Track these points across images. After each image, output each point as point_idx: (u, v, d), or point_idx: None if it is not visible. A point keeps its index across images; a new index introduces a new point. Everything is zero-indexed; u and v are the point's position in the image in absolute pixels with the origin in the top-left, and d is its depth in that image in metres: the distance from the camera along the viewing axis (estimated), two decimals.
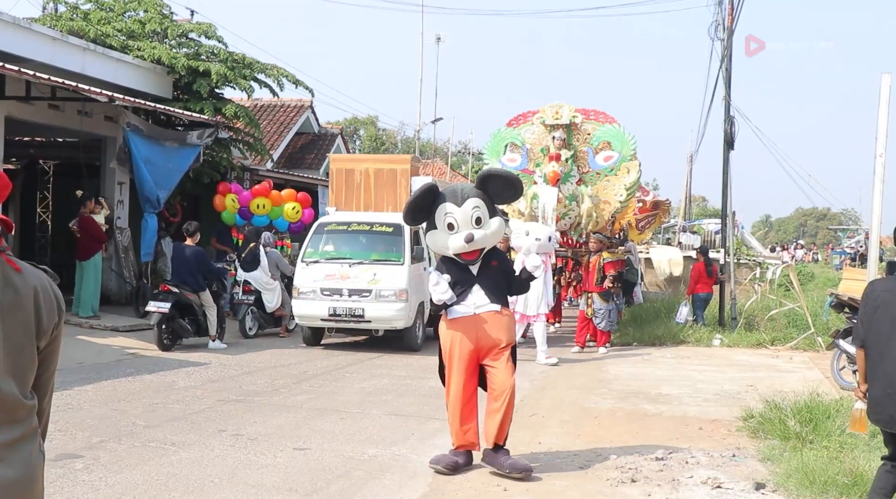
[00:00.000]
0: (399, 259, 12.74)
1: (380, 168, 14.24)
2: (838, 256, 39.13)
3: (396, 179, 14.04)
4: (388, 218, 13.32)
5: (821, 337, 14.12)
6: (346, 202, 14.23)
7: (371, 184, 14.14)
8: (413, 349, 12.84)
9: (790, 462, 6.37)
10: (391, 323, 12.56)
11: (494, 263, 6.50)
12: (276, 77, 18.38)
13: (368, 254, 13.03)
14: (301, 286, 12.81)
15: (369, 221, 13.44)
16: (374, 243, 13.19)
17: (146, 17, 17.74)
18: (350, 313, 12.47)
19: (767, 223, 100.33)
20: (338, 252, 13.19)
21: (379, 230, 13.20)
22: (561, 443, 7.38)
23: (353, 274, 12.63)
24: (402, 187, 14.00)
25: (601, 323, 13.57)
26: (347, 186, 14.24)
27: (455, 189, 6.49)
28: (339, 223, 13.54)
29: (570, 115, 13.66)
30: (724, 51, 16.94)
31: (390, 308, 12.45)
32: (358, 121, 53.76)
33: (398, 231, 12.96)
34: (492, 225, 6.38)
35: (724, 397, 9.87)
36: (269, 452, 6.74)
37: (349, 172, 14.28)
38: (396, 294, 12.41)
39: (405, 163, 14.31)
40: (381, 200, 14.08)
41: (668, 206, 27.41)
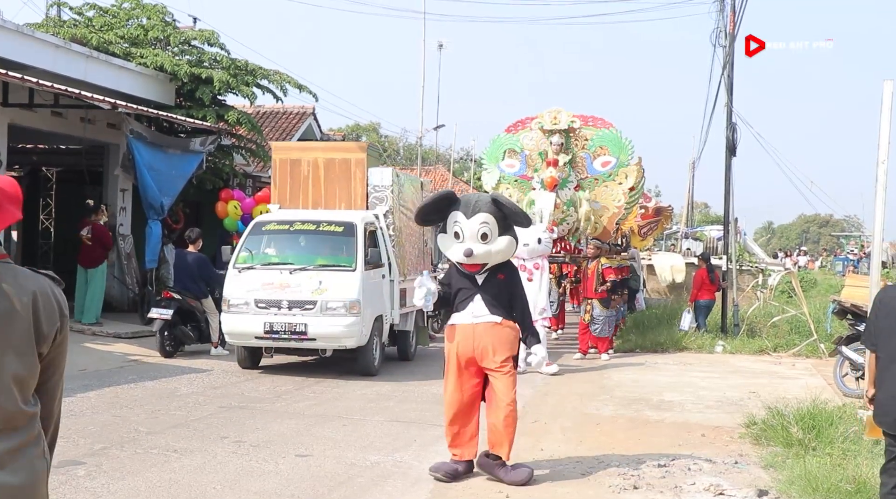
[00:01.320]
0: (350, 264, 10.81)
1: (330, 158, 12.18)
2: (841, 263, 39.08)
3: (350, 171, 12.04)
4: (337, 216, 11.48)
5: (823, 344, 14.09)
6: (291, 198, 12.21)
7: (320, 176, 12.11)
8: (368, 373, 10.89)
9: (793, 469, 6.36)
10: (340, 341, 10.57)
11: (501, 276, 6.46)
12: (279, 83, 18.41)
13: (313, 258, 11.11)
14: (232, 297, 10.79)
15: (315, 219, 11.46)
16: (321, 246, 11.33)
17: (149, 24, 17.78)
18: (290, 330, 10.44)
19: (770, 230, 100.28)
20: (277, 256, 11.29)
21: (326, 230, 11.25)
22: (563, 449, 7.37)
23: (295, 282, 10.64)
24: (356, 180, 12.04)
25: (598, 329, 13.53)
26: (292, 178, 12.21)
27: (470, 200, 6.49)
28: (279, 222, 11.51)
29: (569, 121, 13.67)
30: (727, 57, 16.97)
31: (339, 323, 10.43)
32: (360, 128, 53.77)
33: (350, 231, 11.08)
34: (499, 243, 6.34)
35: (727, 403, 9.85)
36: (272, 458, 6.74)
37: (294, 162, 12.24)
38: (346, 306, 10.44)
39: (360, 152, 12.34)
40: (331, 196, 12.08)
41: (671, 212, 27.41)
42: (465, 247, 6.27)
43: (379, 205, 11.91)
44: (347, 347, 10.67)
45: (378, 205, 11.92)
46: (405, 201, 12.56)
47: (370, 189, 11.98)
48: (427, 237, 13.70)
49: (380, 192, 11.96)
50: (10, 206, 2.36)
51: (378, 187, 11.96)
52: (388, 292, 11.62)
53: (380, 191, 11.96)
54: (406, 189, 12.78)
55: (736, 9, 16.72)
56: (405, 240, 12.51)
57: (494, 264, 6.43)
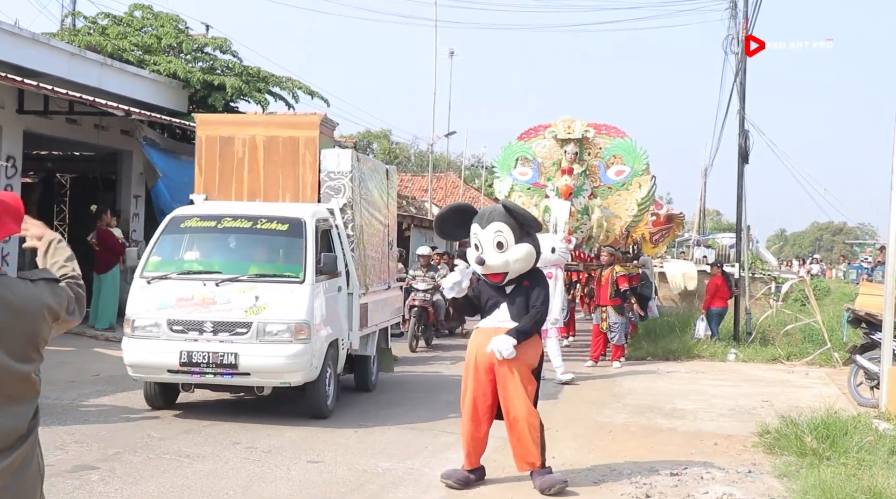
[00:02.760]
0: (297, 273, 8.30)
1: (272, 136, 9.63)
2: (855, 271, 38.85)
3: (298, 153, 9.54)
4: (281, 210, 9.00)
5: (837, 352, 14.01)
6: (221, 187, 9.64)
7: (259, 159, 9.58)
8: (319, 415, 8.46)
9: (807, 479, 6.31)
10: (282, 377, 8.06)
11: (526, 283, 6.45)
12: (291, 89, 18.49)
13: (247, 266, 8.63)
14: (137, 317, 8.20)
15: (251, 214, 8.88)
16: (259, 249, 8.93)
17: (162, 31, 17.90)
18: (214, 362, 7.89)
19: (783, 237, 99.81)
20: (199, 263, 8.77)
21: (266, 229, 8.71)
22: (575, 457, 7.34)
23: (223, 298, 8.08)
24: (307, 165, 9.54)
25: (615, 337, 13.54)
26: (223, 162, 9.64)
27: (485, 211, 6.58)
28: (202, 218, 8.98)
29: (583, 130, 13.66)
30: (739, 64, 16.94)
31: (281, 353, 7.93)
32: (371, 134, 53.92)
33: (297, 230, 8.57)
34: (516, 251, 6.32)
35: (740, 412, 9.81)
36: (283, 464, 6.74)
37: (225, 141, 9.66)
38: (291, 330, 7.94)
39: (310, 128, 9.69)
40: (273, 184, 9.61)
41: (682, 219, 27.33)
42: (478, 256, 6.30)
43: (335, 197, 9.35)
44: (292, 384, 8.14)
45: (333, 197, 9.35)
46: (368, 193, 10.11)
47: (324, 176, 9.43)
48: (393, 238, 11.39)
49: (336, 180, 9.39)
50: (8, 218, 2.37)
51: (334, 174, 9.40)
52: (346, 309, 9.11)
53: (336, 179, 9.40)
54: (369, 178, 10.22)
55: (748, 15, 16.70)
56: (367, 242, 9.95)
57: (519, 274, 6.40)
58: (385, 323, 10.85)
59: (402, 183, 40.20)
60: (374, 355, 10.42)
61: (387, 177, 11.13)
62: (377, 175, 10.69)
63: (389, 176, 11.29)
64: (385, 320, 10.81)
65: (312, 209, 8.97)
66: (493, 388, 6.33)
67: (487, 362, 6.31)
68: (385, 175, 11.08)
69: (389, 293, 11.05)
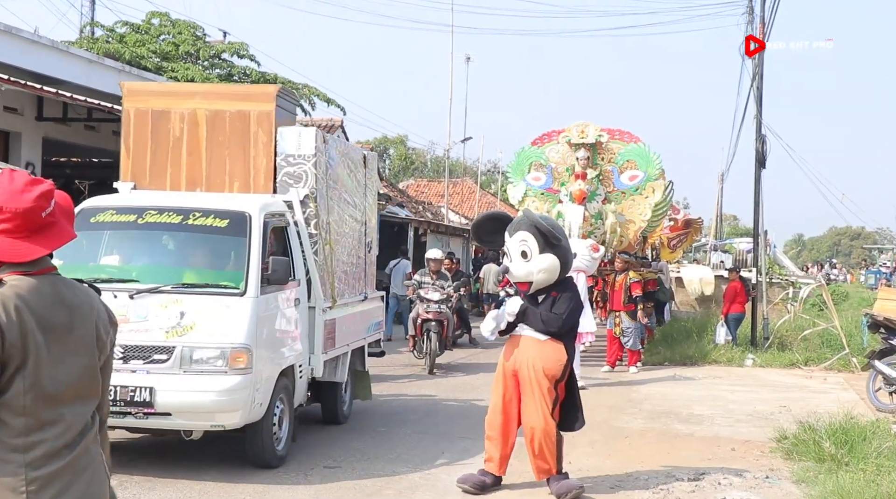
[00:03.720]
0: (236, 283, 6.64)
1: (218, 110, 7.81)
2: (873, 276, 38.58)
3: (249, 131, 7.74)
4: (220, 202, 7.26)
5: (856, 358, 13.92)
6: (153, 173, 7.80)
7: (201, 139, 7.80)
8: (265, 463, 6.74)
9: (825, 485, 6.28)
10: (212, 418, 6.32)
11: (554, 293, 6.40)
12: (308, 96, 18.59)
13: (173, 272, 6.94)
14: None
15: (181, 206, 7.15)
16: (188, 251, 7.27)
17: (179, 39, 18.06)
18: (123, 398, 6.11)
19: (800, 242, 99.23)
20: (113, 269, 7.10)
21: (200, 225, 7.00)
22: (591, 463, 7.33)
23: (138, 314, 6.39)
24: (260, 146, 7.72)
25: (629, 342, 13.54)
26: (156, 141, 7.82)
27: (515, 220, 6.60)
28: (119, 210, 7.25)
29: (596, 134, 13.67)
30: (756, 69, 16.88)
31: (211, 387, 6.18)
32: (388, 140, 54.06)
33: (238, 227, 6.90)
34: (540, 261, 6.29)
35: (757, 417, 9.76)
36: (300, 469, 6.77)
37: (160, 115, 7.83)
38: (226, 357, 6.24)
39: (265, 100, 7.85)
40: (218, 170, 7.76)
41: (700, 224, 27.24)
42: (504, 264, 6.35)
43: (294, 186, 7.57)
44: (226, 427, 6.40)
45: (293, 186, 7.58)
46: (339, 182, 8.33)
47: (281, 161, 7.63)
48: (373, 238, 9.52)
49: (296, 165, 7.60)
50: (66, 222, 2.35)
51: (293, 158, 7.60)
52: (306, 327, 7.42)
53: (296, 164, 7.60)
54: (341, 164, 8.42)
55: (765, 21, 16.64)
56: (336, 243, 8.15)
57: (547, 284, 6.36)
58: (360, 341, 8.95)
59: (418, 188, 40.32)
60: (347, 381, 8.59)
61: (364, 164, 9.17)
62: (351, 161, 8.75)
63: (368, 163, 9.33)
64: (360, 338, 8.95)
65: (261, 201, 7.18)
66: (517, 394, 6.34)
67: (512, 369, 6.33)
68: (362, 162, 9.13)
69: (366, 305, 9.16)
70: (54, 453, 2.20)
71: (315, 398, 8.25)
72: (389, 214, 24.56)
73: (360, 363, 9.14)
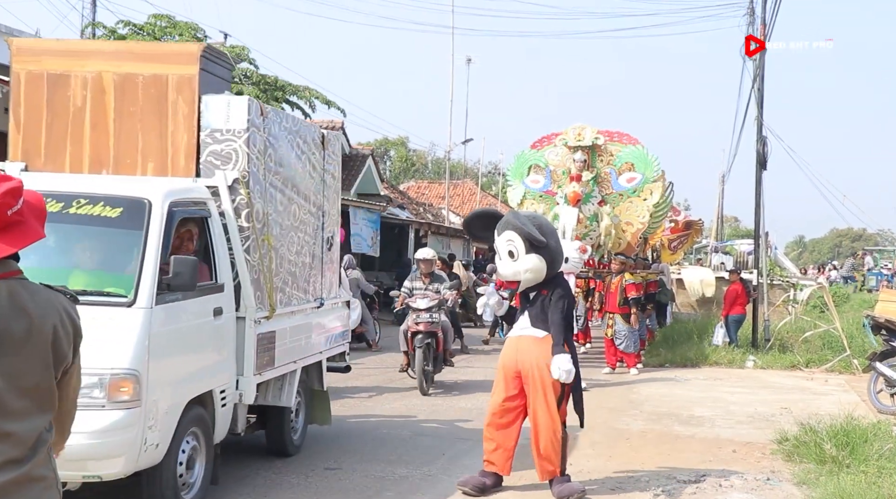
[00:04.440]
0: (124, 289, 5.32)
1: (129, 73, 6.38)
2: (875, 278, 38.55)
3: (167, 99, 6.36)
4: (115, 186, 5.92)
5: (857, 359, 13.90)
6: (49, 151, 6.41)
7: (108, 109, 6.41)
8: None
9: (826, 486, 6.27)
10: (84, 466, 4.89)
11: (544, 291, 6.44)
12: (308, 99, 18.58)
13: (51, 275, 4.74)
14: None
15: (65, 190, 5.68)
16: (67, 248, 5.74)
17: (181, 40, 18.04)
18: None
19: (801, 244, 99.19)
20: None
21: (84, 214, 5.59)
22: (592, 465, 7.33)
23: None
24: (180, 117, 6.33)
25: (622, 344, 13.52)
26: (54, 112, 6.43)
27: (503, 220, 6.58)
28: None
29: (593, 137, 13.69)
30: (756, 70, 16.88)
31: (82, 426, 3.97)
32: (389, 142, 54.12)
33: (134, 218, 5.58)
34: (526, 261, 6.32)
35: (758, 419, 9.75)
36: (301, 471, 6.77)
37: (57, 80, 6.43)
38: (105, 386, 4.94)
39: (187, 61, 6.43)
40: (129, 147, 6.35)
41: (701, 226, 27.24)
42: (491, 265, 6.37)
43: (221, 168, 6.25)
44: (103, 477, 5.08)
45: (220, 168, 6.25)
46: (284, 165, 6.91)
47: (206, 137, 6.30)
48: (334, 233, 8.15)
49: (224, 142, 6.29)
50: (36, 222, 2.24)
51: (221, 134, 6.29)
52: (231, 345, 6.04)
53: (224, 141, 6.29)
54: (287, 143, 6.97)
55: (766, 22, 16.64)
56: (280, 239, 6.80)
57: (535, 283, 6.41)
58: (315, 356, 7.53)
59: (419, 190, 40.35)
60: (300, 403, 7.42)
61: (323, 145, 7.70)
62: (303, 141, 7.30)
63: (328, 144, 7.84)
64: (315, 353, 7.52)
65: (167, 186, 5.76)
66: (519, 396, 6.35)
67: (514, 369, 6.32)
68: (320, 143, 7.66)
69: (324, 314, 7.73)
70: (1, 468, 2.08)
71: (261, 425, 7.04)
72: (390, 216, 24.59)
73: (317, 382, 7.76)
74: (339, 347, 8.26)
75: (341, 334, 8.29)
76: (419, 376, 10.73)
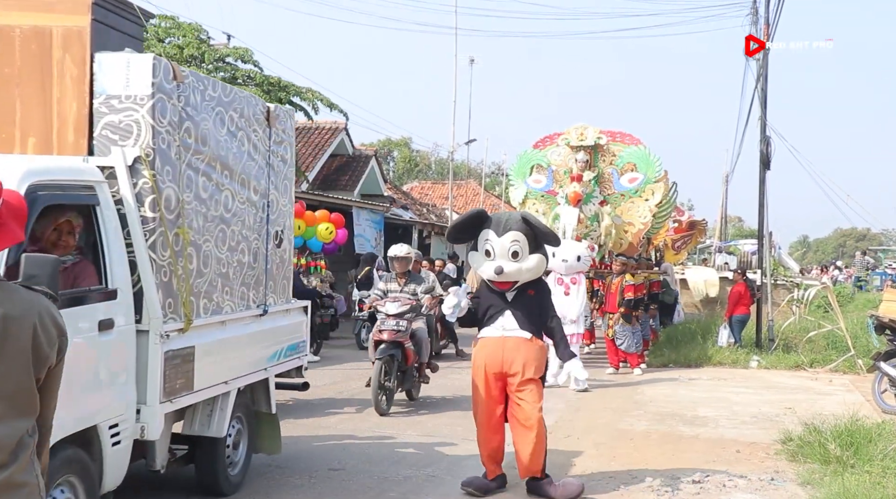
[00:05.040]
0: None
1: (3, 25, 5.22)
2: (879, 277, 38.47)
3: (51, 58, 5.17)
4: None
5: (861, 359, 13.88)
6: None
7: None
8: None
9: (831, 487, 6.26)
10: None
11: (531, 291, 6.47)
12: (311, 101, 18.60)
13: None
14: None
15: None
16: None
17: (184, 42, 18.06)
18: None
19: (805, 244, 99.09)
20: None
21: None
22: (596, 465, 7.32)
23: None
24: (67, 80, 5.18)
25: (623, 344, 13.52)
26: None
27: (501, 218, 6.51)
28: None
29: (595, 137, 13.70)
30: (760, 70, 16.87)
31: None
32: (392, 142, 54.14)
33: None
34: (529, 261, 6.34)
35: (762, 419, 9.74)
36: (304, 472, 6.77)
37: None
38: None
39: (76, 10, 5.22)
40: (5, 119, 5.21)
41: (704, 226, 27.21)
42: (496, 264, 6.29)
43: (119, 144, 5.11)
44: None
45: (117, 143, 5.12)
46: (209, 142, 5.70)
47: (100, 105, 5.17)
48: (284, 228, 6.84)
49: (123, 112, 5.14)
50: (14, 223, 2.19)
51: (120, 102, 5.14)
52: (128, 366, 4.89)
53: (123, 110, 5.14)
54: (212, 115, 5.74)
55: (769, 21, 16.64)
56: (204, 233, 5.66)
57: (525, 282, 6.43)
58: (257, 374, 6.28)
59: (422, 190, 40.37)
60: (240, 432, 6.21)
61: (268, 122, 6.52)
62: (237, 114, 6.00)
63: (274, 121, 6.63)
64: (258, 370, 6.29)
65: (27, 165, 4.47)
66: (503, 395, 6.34)
67: (498, 370, 6.29)
68: (263, 118, 6.45)
69: (269, 322, 6.51)
70: None
71: (189, 459, 5.86)
72: (394, 217, 24.60)
73: (263, 404, 6.52)
74: (294, 361, 6.97)
75: (296, 346, 7.01)
76: (374, 392, 9.07)
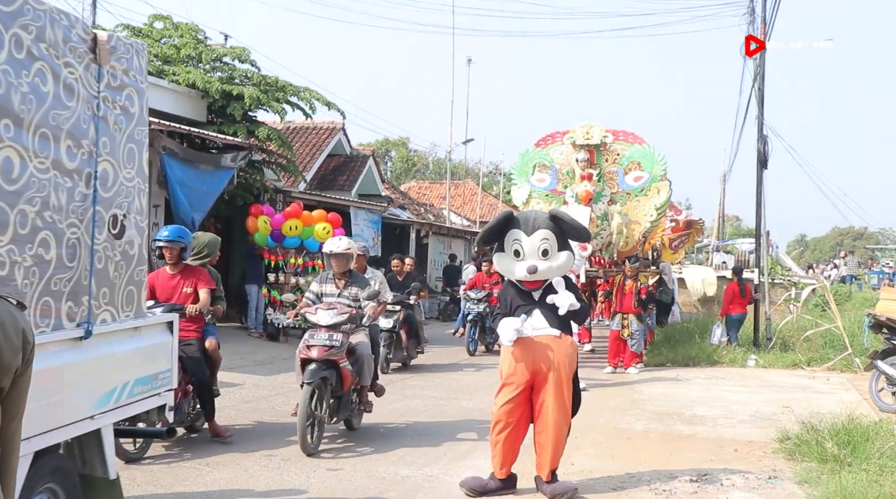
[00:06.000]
0: None
1: None
2: (876, 276, 38.52)
3: None
4: None
5: (859, 358, 13.90)
6: None
7: None
8: None
9: (828, 485, 6.28)
10: None
11: None
12: (309, 100, 18.58)
13: None
14: None
15: None
16: None
17: (181, 42, 18.05)
18: None
19: (803, 242, 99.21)
20: None
21: None
22: (594, 464, 7.33)
23: None
24: None
25: (636, 344, 13.60)
26: None
27: (528, 217, 6.48)
28: None
29: (601, 135, 13.69)
30: (757, 69, 16.88)
31: None
32: (389, 142, 54.14)
33: None
34: (559, 258, 6.34)
35: (760, 418, 9.75)
36: (303, 472, 6.77)
37: None
38: None
39: None
40: None
41: (702, 225, 27.24)
42: (529, 264, 6.28)
43: None
44: None
45: None
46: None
47: None
48: (126, 211, 4.87)
49: None
50: None
51: None
52: None
53: None
54: None
55: (766, 21, 16.64)
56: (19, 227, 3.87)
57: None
58: (84, 424, 4.45)
59: (420, 190, 40.35)
60: None
61: (95, 55, 4.56)
62: (34, 37, 4.00)
63: (104, 54, 4.62)
64: (82, 417, 4.42)
65: None
66: (534, 395, 6.32)
67: (530, 374, 6.25)
68: (87, 49, 4.50)
69: (104, 349, 4.65)
70: None
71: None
72: (391, 217, 24.59)
73: (97, 466, 4.69)
74: (151, 401, 5.18)
75: (151, 379, 5.16)
76: (301, 424, 7.21)
